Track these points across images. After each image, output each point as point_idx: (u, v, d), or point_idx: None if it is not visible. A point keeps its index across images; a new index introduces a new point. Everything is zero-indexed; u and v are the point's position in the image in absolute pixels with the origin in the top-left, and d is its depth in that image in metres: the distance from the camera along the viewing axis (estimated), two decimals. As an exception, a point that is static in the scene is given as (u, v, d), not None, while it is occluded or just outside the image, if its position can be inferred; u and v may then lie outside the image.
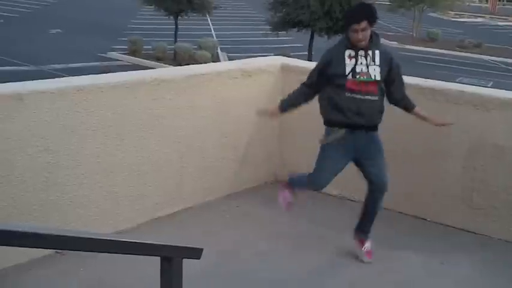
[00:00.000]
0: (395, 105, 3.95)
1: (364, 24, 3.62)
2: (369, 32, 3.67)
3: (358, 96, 3.70)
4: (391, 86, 3.85)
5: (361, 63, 3.69)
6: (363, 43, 3.67)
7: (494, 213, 4.45)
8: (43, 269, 3.72)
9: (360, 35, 3.64)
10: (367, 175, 3.90)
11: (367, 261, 3.95)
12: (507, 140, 4.33)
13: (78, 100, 3.89)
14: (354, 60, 3.70)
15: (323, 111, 3.90)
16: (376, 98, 3.75)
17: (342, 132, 3.78)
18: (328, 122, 3.87)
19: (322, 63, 3.83)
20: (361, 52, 3.70)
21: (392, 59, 3.82)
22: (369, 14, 3.67)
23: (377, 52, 3.72)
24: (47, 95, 3.75)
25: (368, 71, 3.69)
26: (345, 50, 3.72)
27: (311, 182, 4.00)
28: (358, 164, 3.90)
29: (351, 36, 3.69)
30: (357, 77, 3.68)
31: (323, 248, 4.24)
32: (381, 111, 3.83)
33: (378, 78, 3.72)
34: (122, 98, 4.14)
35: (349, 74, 3.68)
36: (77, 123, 3.90)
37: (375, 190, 3.89)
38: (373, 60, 3.71)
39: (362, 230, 4.03)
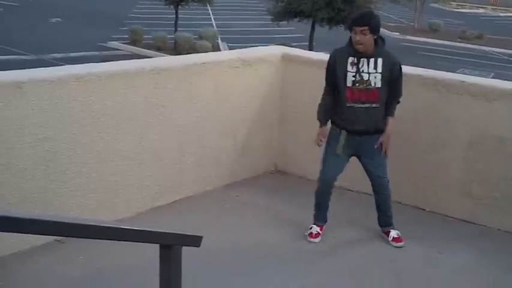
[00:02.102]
0: None
1: (364, 28, 3.69)
2: (369, 39, 3.72)
3: (358, 105, 3.81)
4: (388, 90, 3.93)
5: (363, 71, 3.76)
6: (361, 47, 3.73)
7: (494, 204, 4.46)
8: (43, 256, 3.73)
9: (358, 37, 3.71)
10: (366, 173, 4.13)
11: (399, 246, 4.12)
12: (508, 131, 4.32)
13: (78, 89, 3.88)
14: (355, 67, 3.76)
15: None
16: (377, 105, 3.85)
17: (344, 135, 3.92)
18: (331, 122, 4.03)
19: (329, 64, 3.92)
20: (364, 60, 3.76)
21: (394, 66, 3.86)
22: (372, 22, 3.74)
23: (379, 60, 3.78)
24: (46, 84, 3.74)
25: (369, 78, 3.77)
26: (348, 56, 3.79)
27: (320, 180, 4.17)
28: (360, 161, 4.10)
29: (352, 38, 3.76)
30: (357, 85, 3.77)
31: (322, 237, 4.25)
32: (383, 118, 3.94)
33: (379, 85, 3.79)
34: (121, 87, 4.13)
35: (349, 83, 3.78)
36: (76, 112, 3.89)
37: (374, 187, 4.14)
38: (375, 68, 3.77)
39: (381, 224, 4.22)
